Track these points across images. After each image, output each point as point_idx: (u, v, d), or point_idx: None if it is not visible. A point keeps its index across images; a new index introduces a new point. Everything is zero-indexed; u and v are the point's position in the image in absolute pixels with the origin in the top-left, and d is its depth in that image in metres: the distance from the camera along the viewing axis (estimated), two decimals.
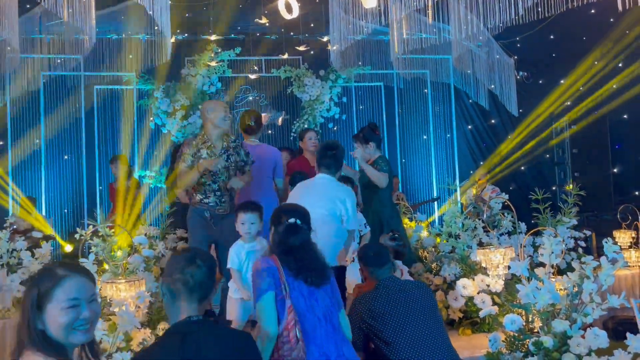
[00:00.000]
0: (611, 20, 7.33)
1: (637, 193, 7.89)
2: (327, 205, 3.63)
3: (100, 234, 3.58)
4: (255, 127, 4.77)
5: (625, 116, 7.72)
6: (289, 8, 5.72)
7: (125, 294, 3.11)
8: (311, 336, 2.41)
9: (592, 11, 7.31)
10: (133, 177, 6.68)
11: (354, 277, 4.11)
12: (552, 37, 8.12)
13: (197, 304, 2.01)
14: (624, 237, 5.45)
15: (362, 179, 4.83)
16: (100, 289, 3.09)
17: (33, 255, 5.01)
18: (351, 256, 4.10)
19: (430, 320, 2.82)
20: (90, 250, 3.36)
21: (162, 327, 3.54)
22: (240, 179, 4.10)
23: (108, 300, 3.09)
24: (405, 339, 2.74)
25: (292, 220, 2.63)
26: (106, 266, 3.57)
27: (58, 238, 6.98)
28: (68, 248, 5.85)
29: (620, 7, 4.58)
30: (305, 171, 4.64)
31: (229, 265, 3.55)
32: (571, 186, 4.66)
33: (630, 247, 5.43)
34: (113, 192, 6.42)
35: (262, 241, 3.61)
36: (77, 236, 3.56)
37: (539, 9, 5.42)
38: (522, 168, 9.49)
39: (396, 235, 3.99)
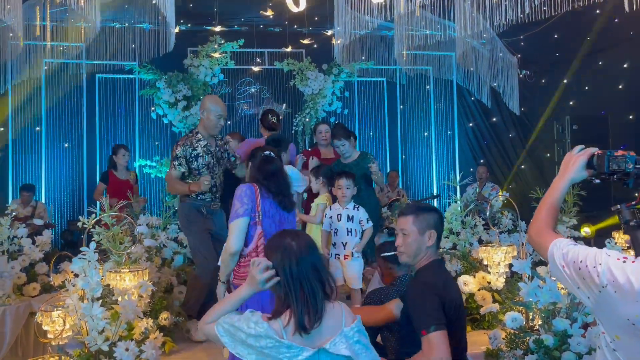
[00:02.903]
0: (616, 20, 7.31)
1: (636, 194, 7.90)
2: None
3: (103, 223, 3.57)
4: (277, 125, 5.04)
5: (630, 117, 7.70)
6: (296, 1, 5.70)
7: (129, 284, 3.12)
8: None
9: (597, 11, 7.30)
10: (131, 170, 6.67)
11: (353, 272, 4.12)
12: (556, 36, 8.11)
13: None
14: (623, 237, 5.46)
15: (362, 176, 4.88)
16: (103, 278, 3.09)
17: (34, 242, 5.03)
18: (351, 251, 4.10)
19: None
20: (93, 239, 3.35)
21: (164, 316, 3.55)
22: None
23: (111, 289, 3.09)
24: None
25: (266, 152, 3.05)
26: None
27: None
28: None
29: (627, 8, 4.57)
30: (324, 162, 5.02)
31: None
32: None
33: (629, 247, 5.45)
34: (117, 181, 6.35)
35: None
36: (79, 224, 3.55)
37: (545, 8, 5.42)
38: (523, 167, 9.51)
39: (392, 230, 4.01)
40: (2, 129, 8.06)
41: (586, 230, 6.64)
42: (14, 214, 5.44)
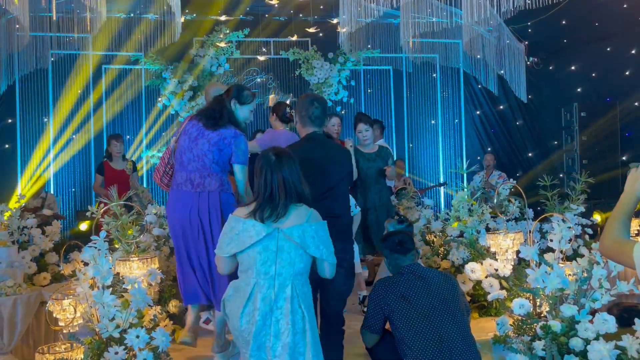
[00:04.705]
0: (624, 6, 7.22)
1: None
2: None
3: (111, 212, 3.60)
4: (291, 117, 4.94)
5: (636, 104, 7.63)
6: None
7: (138, 272, 3.15)
8: (185, 165, 3.20)
9: None
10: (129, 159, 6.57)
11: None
12: (563, 22, 8.01)
13: (318, 128, 3.18)
14: (631, 225, 5.45)
15: (373, 172, 4.88)
16: (112, 267, 3.12)
17: (43, 232, 5.07)
18: None
19: (448, 313, 2.85)
20: (102, 228, 3.38)
21: (173, 304, 3.59)
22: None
23: (121, 278, 3.12)
24: (416, 328, 2.77)
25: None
26: (117, 244, 3.60)
27: None
28: (83, 227, 5.86)
29: None
30: None
31: None
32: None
33: (637, 234, 5.44)
34: (112, 171, 6.31)
35: None
36: (88, 214, 3.58)
37: None
38: (530, 154, 9.47)
39: (402, 218, 4.01)
40: (10, 120, 8.10)
41: (595, 218, 6.65)
42: (23, 204, 5.48)
